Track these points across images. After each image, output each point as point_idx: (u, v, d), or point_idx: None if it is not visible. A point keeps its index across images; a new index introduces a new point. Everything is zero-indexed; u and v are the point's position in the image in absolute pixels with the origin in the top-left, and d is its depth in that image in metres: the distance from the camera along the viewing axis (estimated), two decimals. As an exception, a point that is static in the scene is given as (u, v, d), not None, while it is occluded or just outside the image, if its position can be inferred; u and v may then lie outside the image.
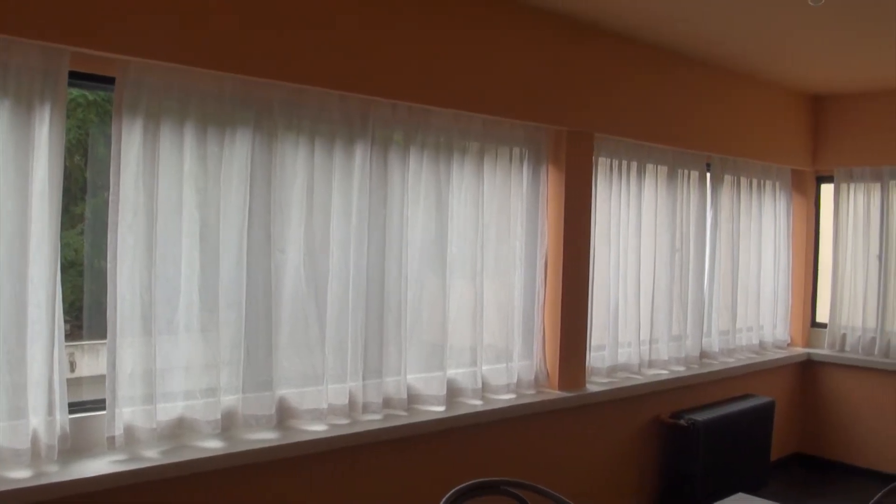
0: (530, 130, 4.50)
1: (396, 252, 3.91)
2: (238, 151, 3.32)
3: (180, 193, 3.17)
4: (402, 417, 3.86)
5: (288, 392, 3.57)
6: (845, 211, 6.54)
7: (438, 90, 3.91)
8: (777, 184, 6.57)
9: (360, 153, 3.72)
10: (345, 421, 3.70)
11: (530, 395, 4.49)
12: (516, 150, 4.48)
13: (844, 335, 6.55)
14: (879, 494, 2.82)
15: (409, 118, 3.93)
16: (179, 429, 3.24)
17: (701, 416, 5.16)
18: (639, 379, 5.12)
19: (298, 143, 3.54)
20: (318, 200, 3.60)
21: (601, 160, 4.93)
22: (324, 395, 3.64)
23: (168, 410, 3.20)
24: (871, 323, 6.36)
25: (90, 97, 3.26)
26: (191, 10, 3.04)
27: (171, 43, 3.00)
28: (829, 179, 6.76)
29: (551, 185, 4.62)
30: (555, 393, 4.57)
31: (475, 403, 4.23)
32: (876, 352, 6.31)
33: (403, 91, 3.78)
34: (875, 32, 4.63)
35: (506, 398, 4.38)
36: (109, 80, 3.01)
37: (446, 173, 4.11)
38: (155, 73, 3.05)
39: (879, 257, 6.32)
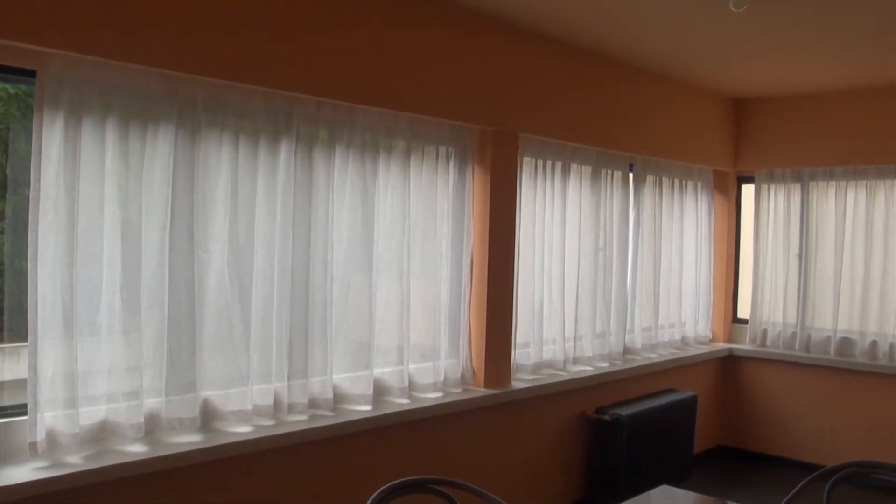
0: (456, 130, 4.63)
1: (322, 251, 3.98)
2: (161, 148, 3.35)
3: (102, 191, 3.19)
4: (328, 418, 3.93)
5: (212, 394, 3.61)
6: (766, 211, 6.91)
7: (364, 88, 4.00)
8: (699, 184, 6.87)
9: (284, 151, 3.79)
10: (270, 422, 3.75)
11: (457, 393, 4.62)
12: (442, 149, 4.60)
13: (765, 330, 6.91)
14: (801, 484, 2.99)
15: (334, 116, 4.00)
16: (103, 433, 3.25)
17: (625, 411, 5.38)
18: (563, 375, 5.31)
19: (222, 140, 3.58)
20: (242, 198, 3.65)
21: (526, 160, 5.10)
22: (248, 396, 3.69)
23: (91, 414, 3.21)
24: (792, 318, 6.75)
25: (11, 91, 3.23)
26: (115, 2, 3.06)
27: (94, 36, 3.00)
28: (749, 180, 7.14)
29: (477, 185, 4.75)
30: (481, 390, 4.71)
31: (402, 402, 4.33)
32: (797, 346, 6.71)
33: (329, 88, 3.86)
34: (795, 38, 4.94)
35: (433, 396, 4.49)
36: (31, 74, 3.01)
37: (372, 172, 4.20)
38: (77, 66, 3.06)
39: (800, 256, 6.70)
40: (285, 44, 3.63)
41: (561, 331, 5.39)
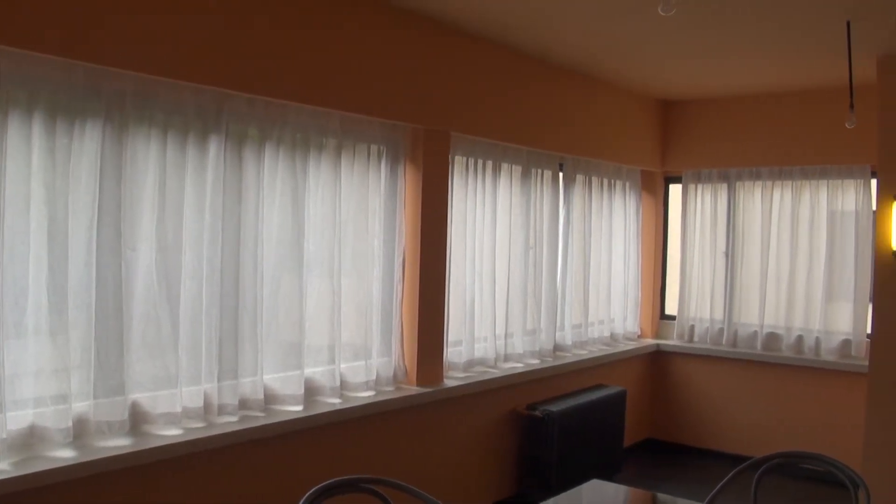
0: (388, 128, 4.73)
1: (252, 249, 4.02)
2: (88, 145, 3.35)
3: (28, 189, 3.18)
4: (259, 419, 3.98)
5: (141, 396, 3.63)
6: (693, 210, 7.23)
7: (296, 85, 4.06)
8: (627, 184, 7.14)
9: (214, 148, 3.82)
10: (200, 424, 3.78)
11: (389, 392, 4.72)
12: (374, 148, 4.69)
13: (693, 326, 7.21)
14: (730, 475, 3.15)
15: (265, 113, 4.05)
16: (30, 438, 3.24)
17: (555, 407, 5.57)
18: (495, 372, 5.47)
19: (150, 136, 3.59)
20: (170, 196, 3.68)
21: (457, 159, 5.24)
22: (178, 398, 3.72)
23: (18, 419, 3.20)
24: (719, 314, 7.08)
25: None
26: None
27: (17, 27, 2.99)
28: (677, 180, 7.45)
29: (409, 183, 4.85)
30: (413, 389, 4.82)
31: (334, 402, 4.41)
32: (724, 341, 7.05)
33: (259, 85, 3.90)
34: (721, 42, 5.20)
35: (365, 395, 4.58)
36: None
37: (303, 170, 4.27)
38: (1, 59, 3.03)
39: (726, 253, 7.02)
40: (216, 39, 3.66)
41: (492, 328, 5.54)
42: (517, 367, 5.70)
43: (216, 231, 3.83)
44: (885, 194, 5.31)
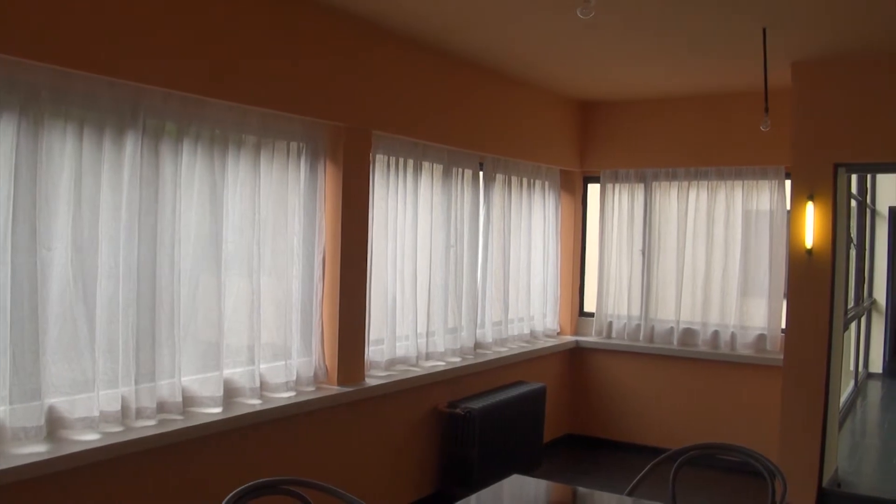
0: (308, 125, 4.79)
1: (169, 248, 4.03)
2: (2, 139, 3.32)
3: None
4: (177, 422, 3.99)
5: (57, 400, 3.60)
6: (610, 209, 7.51)
7: (214, 80, 4.08)
8: (547, 183, 7.38)
9: (130, 144, 3.81)
10: (118, 429, 3.77)
11: (310, 392, 4.79)
12: (294, 145, 4.75)
13: (611, 323, 7.48)
14: (648, 467, 3.32)
15: (182, 108, 4.06)
16: (-54, 446, 3.20)
17: (476, 404, 5.74)
18: (416, 371, 5.60)
19: (66, 131, 3.57)
20: (86, 194, 3.66)
21: (379, 157, 5.35)
22: (95, 402, 3.70)
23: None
24: (636, 311, 7.37)
25: None
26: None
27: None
28: (595, 179, 7.73)
29: (329, 181, 4.92)
30: (334, 388, 4.90)
31: (253, 403, 4.44)
32: (641, 337, 7.35)
33: (176, 80, 3.91)
34: (641, 46, 5.46)
35: (285, 396, 4.63)
36: None
37: (221, 167, 4.29)
38: None
39: (643, 252, 7.28)
40: (132, 32, 3.65)
41: (414, 327, 5.66)
42: (439, 365, 5.84)
43: (133, 229, 3.82)
44: (799, 195, 5.64)
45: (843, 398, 7.22)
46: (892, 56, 5.34)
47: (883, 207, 10.92)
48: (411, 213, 5.63)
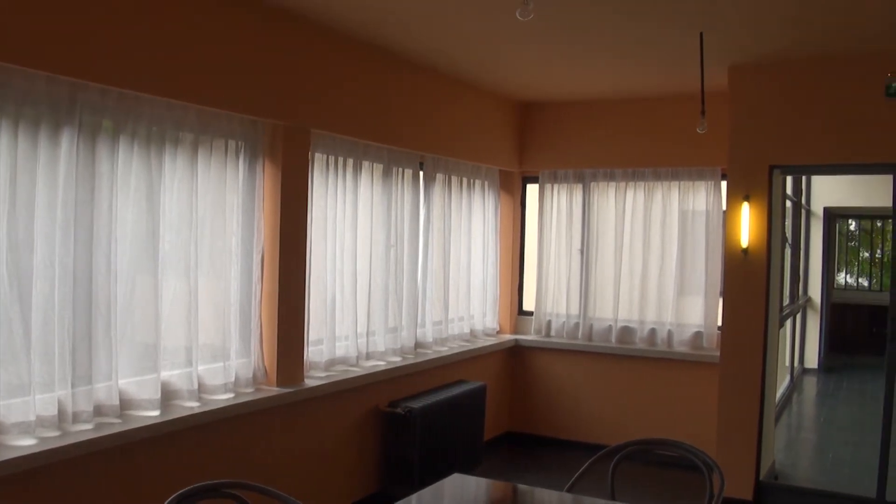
0: (246, 124, 4.83)
1: (105, 248, 4.03)
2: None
3: None
4: (115, 425, 3.99)
5: (-8, 405, 3.58)
6: (549, 209, 7.69)
7: (151, 77, 4.09)
8: (486, 183, 7.53)
9: (66, 141, 3.80)
10: (55, 433, 3.75)
11: (249, 394, 4.82)
12: (232, 143, 4.78)
13: (550, 321, 7.64)
14: (587, 463, 3.43)
15: (119, 105, 4.06)
16: None
17: (417, 404, 5.84)
18: (357, 371, 5.67)
19: (1, 127, 3.55)
20: (21, 192, 3.64)
21: (318, 156, 5.41)
22: (31, 406, 3.68)
23: None
24: (575, 310, 7.57)
25: None
26: None
27: None
28: (534, 180, 7.91)
29: (268, 180, 4.97)
30: (274, 389, 4.94)
31: (192, 405, 4.46)
32: (579, 336, 7.54)
33: (113, 75, 3.90)
34: (579, 48, 5.64)
35: (224, 398, 4.66)
36: None
37: (158, 165, 4.30)
38: None
39: (581, 251, 7.46)
40: (68, 26, 3.64)
41: (354, 327, 5.72)
42: (379, 364, 5.92)
43: (68, 228, 3.81)
44: (735, 195, 5.85)
45: (779, 393, 7.51)
46: (826, 60, 5.60)
47: (818, 208, 11.33)
48: (351, 213, 5.69)
